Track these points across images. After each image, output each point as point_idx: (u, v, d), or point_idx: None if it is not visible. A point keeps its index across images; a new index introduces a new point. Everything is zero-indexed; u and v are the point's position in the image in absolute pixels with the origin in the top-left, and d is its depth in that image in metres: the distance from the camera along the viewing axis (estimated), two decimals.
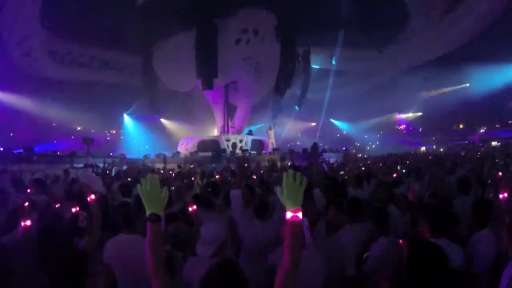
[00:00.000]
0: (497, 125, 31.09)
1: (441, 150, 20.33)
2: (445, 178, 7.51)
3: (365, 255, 3.68)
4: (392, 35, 24.56)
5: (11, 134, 27.29)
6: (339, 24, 22.72)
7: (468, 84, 32.29)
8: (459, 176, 7.33)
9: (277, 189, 2.11)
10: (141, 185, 2.17)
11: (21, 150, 17.01)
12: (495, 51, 23.38)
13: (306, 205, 2.29)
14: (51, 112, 28.51)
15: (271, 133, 21.57)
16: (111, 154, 24.24)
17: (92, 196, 3.63)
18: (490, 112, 30.08)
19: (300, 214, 2.08)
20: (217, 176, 9.43)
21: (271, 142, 21.10)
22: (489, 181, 6.90)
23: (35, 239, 3.50)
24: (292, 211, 2.07)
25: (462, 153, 19.76)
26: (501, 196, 4.33)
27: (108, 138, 36.82)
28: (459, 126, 34.61)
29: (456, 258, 3.27)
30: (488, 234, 3.76)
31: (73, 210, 4.46)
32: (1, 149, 19.37)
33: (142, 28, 19.63)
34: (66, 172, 11.08)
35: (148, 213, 2.16)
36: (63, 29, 21.70)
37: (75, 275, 2.33)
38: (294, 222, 2.06)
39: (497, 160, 11.93)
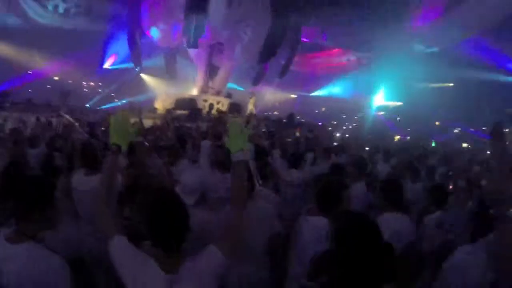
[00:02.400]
0: (471, 129, 31.65)
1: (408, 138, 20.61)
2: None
3: None
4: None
5: None
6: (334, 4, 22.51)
7: (452, 84, 32.77)
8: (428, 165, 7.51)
9: (225, 139, 2.39)
10: (112, 118, 2.33)
11: None
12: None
13: None
14: (29, 58, 27.78)
15: (252, 101, 21.63)
16: (87, 106, 23.86)
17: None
18: (469, 114, 30.53)
19: (242, 154, 2.27)
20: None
21: (251, 108, 21.10)
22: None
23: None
24: (236, 152, 2.27)
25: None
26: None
27: (85, 90, 36.07)
28: (435, 123, 35.05)
29: (407, 232, 3.34)
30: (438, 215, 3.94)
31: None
32: None
33: None
34: (38, 119, 11.20)
35: (111, 142, 2.29)
36: None
37: (41, 200, 2.23)
38: (237, 161, 2.26)
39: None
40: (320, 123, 21.49)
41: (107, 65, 31.42)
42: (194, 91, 23.19)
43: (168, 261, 1.96)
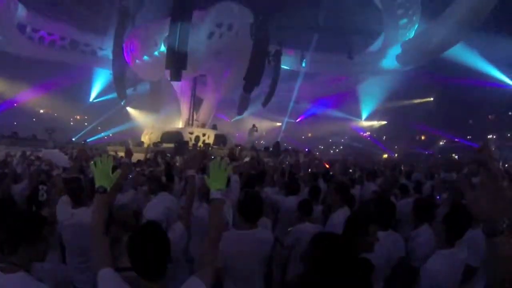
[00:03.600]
0: (456, 139, 32.13)
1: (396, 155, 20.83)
2: (399, 181, 7.75)
3: (289, 229, 4.01)
4: (365, 43, 25.19)
5: None
6: (314, 27, 23.04)
7: (432, 99, 33.37)
8: (414, 180, 7.74)
9: (205, 177, 2.52)
10: (95, 162, 2.51)
11: None
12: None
13: None
14: (14, 91, 27.80)
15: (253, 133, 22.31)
16: (73, 140, 23.80)
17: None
18: (452, 126, 31.01)
19: (220, 193, 2.41)
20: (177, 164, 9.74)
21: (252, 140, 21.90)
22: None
23: None
24: (215, 190, 2.41)
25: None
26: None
27: (71, 123, 36.00)
28: (421, 137, 35.57)
29: (398, 250, 3.48)
30: (426, 229, 4.10)
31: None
32: None
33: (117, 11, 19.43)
34: (23, 154, 11.14)
35: (96, 186, 2.47)
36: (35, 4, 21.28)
37: (31, 234, 2.38)
38: (215, 199, 2.40)
39: None
40: (307, 149, 21.65)
41: (93, 98, 31.64)
42: (179, 124, 23.32)
43: None
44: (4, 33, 20.54)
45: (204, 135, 20.95)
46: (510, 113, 33.38)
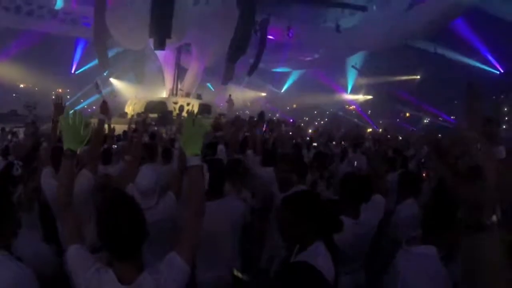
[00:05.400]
0: (440, 118, 32.34)
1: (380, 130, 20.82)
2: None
3: None
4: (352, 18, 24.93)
5: None
6: None
7: (418, 76, 33.45)
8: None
9: (179, 136, 2.27)
10: (62, 119, 2.16)
11: None
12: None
13: None
14: None
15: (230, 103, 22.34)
16: None
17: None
18: (437, 105, 31.18)
19: (198, 159, 2.12)
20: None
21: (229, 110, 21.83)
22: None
23: None
24: (191, 156, 2.11)
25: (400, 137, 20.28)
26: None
27: (53, 97, 35.31)
28: (406, 114, 35.73)
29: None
30: (411, 203, 4.05)
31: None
32: None
33: None
34: (3, 129, 11.10)
35: (65, 147, 2.16)
36: None
37: None
38: (193, 166, 2.11)
39: None
40: (291, 120, 21.58)
41: (74, 70, 31.00)
42: (163, 94, 23.00)
43: (126, 270, 1.85)
44: None
45: (188, 104, 20.74)
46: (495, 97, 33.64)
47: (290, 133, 11.22)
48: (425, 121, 35.02)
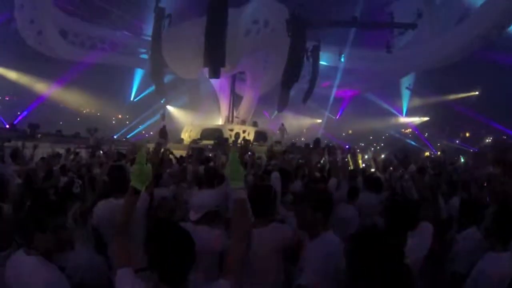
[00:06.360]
0: (504, 136, 30.61)
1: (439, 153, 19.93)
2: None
3: None
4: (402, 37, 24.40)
5: (18, 113, 27.49)
6: (351, 22, 22.59)
7: (477, 92, 31.99)
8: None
9: (225, 169, 2.48)
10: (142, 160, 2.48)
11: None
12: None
13: None
14: (59, 93, 28.83)
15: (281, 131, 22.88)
16: (114, 137, 24.38)
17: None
18: (500, 120, 29.53)
19: (242, 192, 2.32)
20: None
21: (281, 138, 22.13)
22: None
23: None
24: (235, 189, 2.32)
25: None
26: None
27: (113, 122, 36.93)
28: (465, 134, 34.25)
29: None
30: (474, 232, 3.78)
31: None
32: (7, 126, 19.50)
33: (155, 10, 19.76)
34: (68, 150, 11.53)
35: (131, 184, 2.45)
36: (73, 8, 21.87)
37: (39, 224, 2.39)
38: (237, 199, 2.31)
39: None
40: (347, 146, 21.27)
41: (133, 97, 32.46)
42: (219, 121, 23.51)
43: None
44: (48, 40, 21.09)
45: (244, 131, 21.03)
46: None
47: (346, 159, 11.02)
48: (487, 140, 33.27)
